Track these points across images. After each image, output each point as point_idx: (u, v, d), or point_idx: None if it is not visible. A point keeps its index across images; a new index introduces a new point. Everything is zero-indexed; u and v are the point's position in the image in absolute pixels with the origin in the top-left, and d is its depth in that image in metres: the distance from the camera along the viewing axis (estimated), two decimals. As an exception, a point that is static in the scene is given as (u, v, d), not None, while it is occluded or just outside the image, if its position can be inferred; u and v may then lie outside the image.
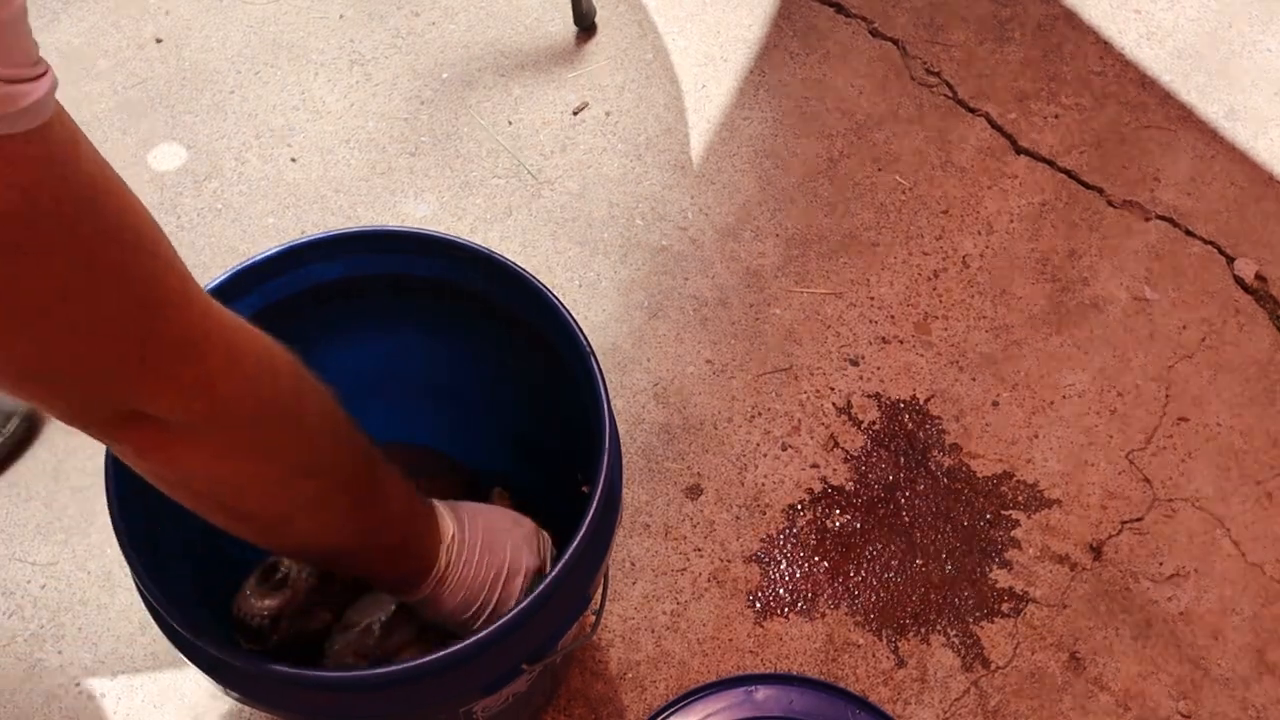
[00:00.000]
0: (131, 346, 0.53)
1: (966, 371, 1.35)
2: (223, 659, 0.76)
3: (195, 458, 0.60)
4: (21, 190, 0.44)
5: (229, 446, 0.61)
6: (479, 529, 0.85)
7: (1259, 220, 1.48)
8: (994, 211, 1.48)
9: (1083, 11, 1.68)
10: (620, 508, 0.87)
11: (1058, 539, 1.25)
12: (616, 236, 1.44)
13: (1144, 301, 1.41)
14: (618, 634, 1.17)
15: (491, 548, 0.84)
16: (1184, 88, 1.60)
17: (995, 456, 1.30)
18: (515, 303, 0.91)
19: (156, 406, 0.56)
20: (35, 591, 1.18)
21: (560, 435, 0.99)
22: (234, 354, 0.59)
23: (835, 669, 1.16)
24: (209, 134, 1.51)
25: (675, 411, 1.31)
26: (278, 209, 1.45)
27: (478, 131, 1.52)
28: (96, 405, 0.56)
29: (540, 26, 1.63)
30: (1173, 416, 1.33)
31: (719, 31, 1.64)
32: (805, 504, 1.26)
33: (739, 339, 1.36)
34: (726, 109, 1.56)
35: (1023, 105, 1.58)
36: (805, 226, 1.46)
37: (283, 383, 0.64)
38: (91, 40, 1.59)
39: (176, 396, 0.56)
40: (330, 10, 1.64)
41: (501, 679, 0.79)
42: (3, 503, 1.23)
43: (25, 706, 1.12)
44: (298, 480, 0.68)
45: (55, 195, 0.46)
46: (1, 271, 0.45)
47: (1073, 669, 1.17)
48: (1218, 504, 1.27)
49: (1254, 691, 1.16)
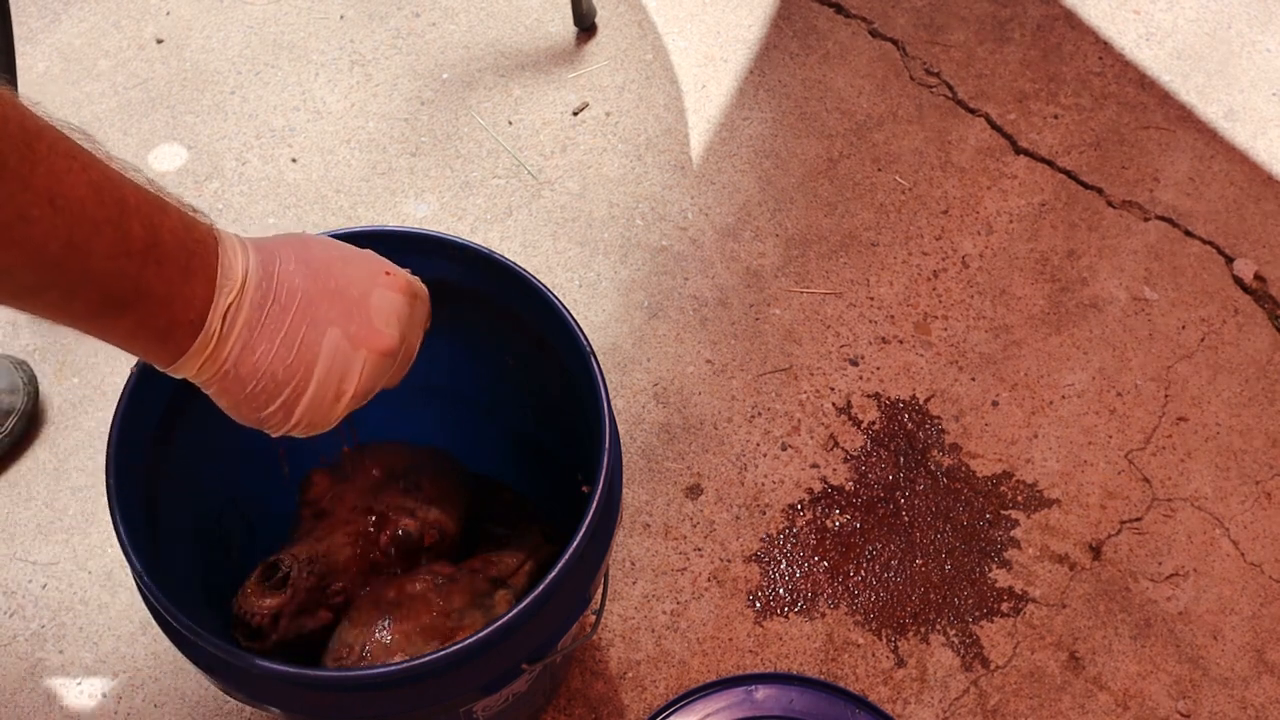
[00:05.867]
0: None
1: (966, 371, 1.36)
2: (223, 659, 0.76)
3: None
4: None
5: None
6: (295, 277, 0.62)
7: (1258, 220, 1.48)
8: (993, 211, 1.48)
9: (1082, 12, 1.68)
10: (620, 508, 0.87)
11: (1057, 539, 1.25)
12: (616, 236, 1.44)
13: (1143, 301, 1.42)
14: (618, 634, 1.17)
15: (312, 307, 0.62)
16: (1183, 88, 1.60)
17: (995, 456, 1.30)
18: (515, 303, 0.91)
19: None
20: (36, 591, 1.18)
21: (560, 435, 0.99)
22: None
23: (835, 668, 1.16)
24: (210, 134, 1.51)
25: (675, 411, 1.31)
26: (278, 209, 1.45)
27: (478, 132, 1.52)
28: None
29: (540, 27, 1.63)
30: (1172, 416, 1.33)
31: (719, 31, 1.64)
32: (805, 504, 1.26)
33: (739, 339, 1.37)
34: (726, 109, 1.56)
35: (1022, 105, 1.58)
36: (805, 226, 1.46)
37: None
38: (92, 40, 1.59)
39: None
40: (331, 11, 1.64)
41: (501, 679, 0.80)
42: (3, 502, 1.23)
43: (26, 706, 1.12)
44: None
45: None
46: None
47: (1072, 668, 1.17)
48: (1217, 504, 1.28)
49: (1253, 691, 1.17)
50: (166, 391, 0.83)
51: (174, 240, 0.56)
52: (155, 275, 0.55)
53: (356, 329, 0.64)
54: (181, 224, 0.57)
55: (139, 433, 0.82)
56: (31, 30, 1.58)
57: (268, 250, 0.62)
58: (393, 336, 0.66)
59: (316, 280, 0.63)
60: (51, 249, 0.50)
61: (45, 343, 1.33)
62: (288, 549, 0.90)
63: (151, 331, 0.57)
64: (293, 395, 0.63)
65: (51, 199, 0.50)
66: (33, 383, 1.27)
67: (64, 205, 0.50)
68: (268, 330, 0.60)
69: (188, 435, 0.86)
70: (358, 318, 0.64)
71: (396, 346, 0.66)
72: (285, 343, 0.61)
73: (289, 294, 0.61)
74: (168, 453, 0.85)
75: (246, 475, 0.99)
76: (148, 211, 0.55)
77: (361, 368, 0.64)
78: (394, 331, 0.66)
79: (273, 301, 0.61)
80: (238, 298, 0.59)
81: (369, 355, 0.64)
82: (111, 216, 0.53)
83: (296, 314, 0.61)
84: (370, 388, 0.66)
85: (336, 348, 0.63)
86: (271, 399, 0.62)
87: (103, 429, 1.26)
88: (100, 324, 0.56)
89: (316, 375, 0.63)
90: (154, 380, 0.81)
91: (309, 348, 0.62)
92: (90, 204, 0.51)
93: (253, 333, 0.60)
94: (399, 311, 0.67)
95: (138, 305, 0.55)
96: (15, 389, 1.25)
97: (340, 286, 0.64)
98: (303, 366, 0.62)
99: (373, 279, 0.66)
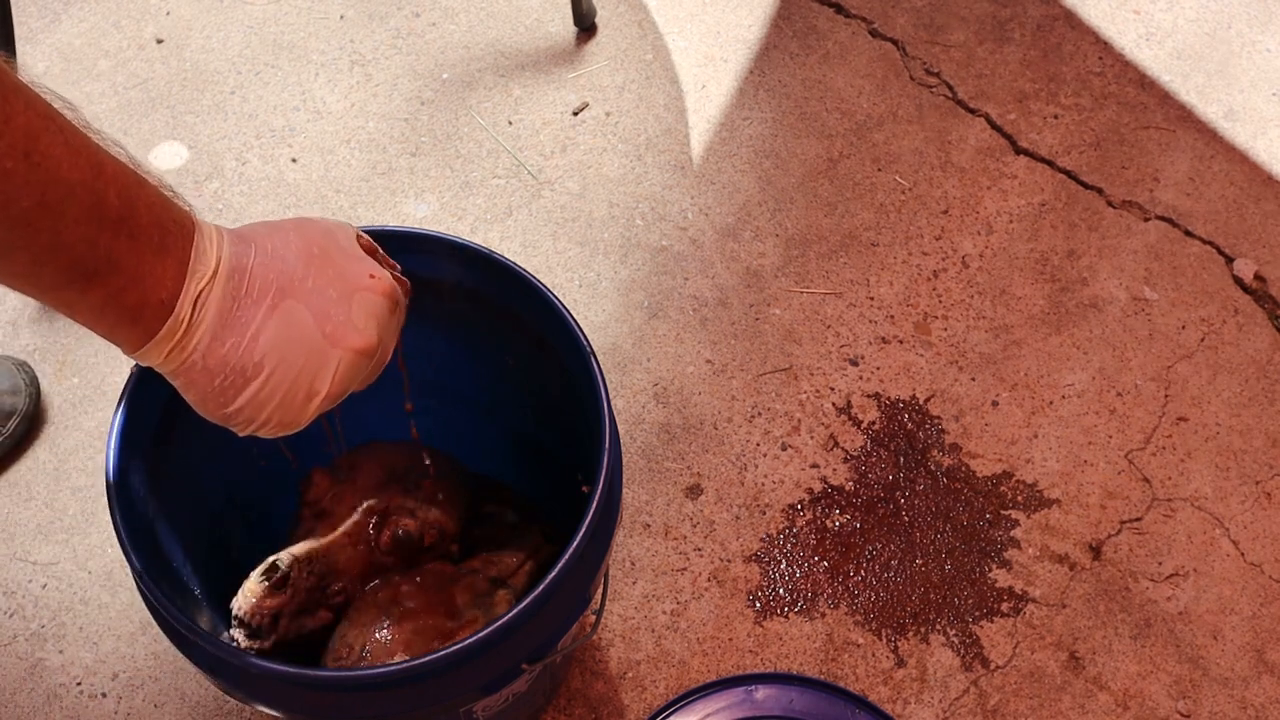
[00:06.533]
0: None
1: (966, 371, 1.36)
2: (223, 659, 0.76)
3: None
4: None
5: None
6: (273, 269, 0.60)
7: (1258, 220, 1.48)
8: (993, 211, 1.48)
9: (1082, 11, 1.68)
10: (620, 508, 0.87)
11: (1057, 539, 1.25)
12: (616, 236, 1.44)
13: (1143, 301, 1.42)
14: (618, 634, 1.17)
15: (288, 301, 0.60)
16: (1183, 88, 1.60)
17: (995, 456, 1.30)
18: (515, 303, 0.91)
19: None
20: (36, 591, 1.18)
21: (560, 435, 0.99)
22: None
23: (835, 668, 1.16)
24: (210, 134, 1.51)
25: (675, 411, 1.31)
26: (278, 209, 1.45)
27: (478, 132, 1.52)
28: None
29: (540, 27, 1.63)
30: (1172, 416, 1.33)
31: (719, 31, 1.64)
32: (805, 504, 1.26)
33: (739, 339, 1.37)
34: (726, 109, 1.56)
35: (1022, 105, 1.58)
36: (805, 226, 1.46)
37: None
38: (92, 40, 1.59)
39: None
40: (331, 11, 1.64)
41: (501, 679, 0.80)
42: (3, 503, 1.23)
43: (26, 706, 1.12)
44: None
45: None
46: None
47: (1072, 668, 1.17)
48: (1217, 504, 1.28)
49: (1253, 691, 1.17)
50: (166, 391, 0.83)
51: (149, 215, 0.54)
52: (128, 248, 0.53)
53: (333, 327, 0.62)
54: (159, 200, 0.56)
55: (139, 433, 0.82)
56: (31, 30, 1.58)
57: (247, 240, 0.60)
58: (370, 336, 0.64)
59: (296, 275, 0.61)
60: (24, 204, 0.49)
61: (45, 343, 1.33)
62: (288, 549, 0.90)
63: (120, 309, 0.55)
64: (262, 391, 0.60)
65: (26, 153, 0.48)
66: (34, 384, 1.27)
67: (39, 162, 0.49)
68: (239, 321, 0.58)
69: (188, 435, 0.86)
70: (335, 316, 0.62)
71: (374, 346, 0.64)
72: (257, 335, 0.59)
73: (264, 286, 0.59)
74: (168, 453, 0.85)
75: (246, 475, 0.99)
76: (125, 183, 0.53)
77: (336, 366, 0.62)
78: (372, 331, 0.64)
79: (245, 292, 0.59)
80: (209, 285, 0.57)
81: (344, 354, 0.62)
82: (86, 180, 0.51)
83: (270, 307, 0.59)
84: (344, 389, 0.64)
85: (311, 344, 0.61)
86: (238, 393, 0.60)
87: (103, 429, 1.26)
88: (68, 296, 0.54)
89: (290, 373, 0.60)
90: (154, 380, 0.81)
91: (282, 342, 0.60)
92: (65, 165, 0.50)
93: (224, 323, 0.58)
94: (379, 314, 0.65)
95: (108, 278, 0.53)
96: (17, 390, 1.25)
97: (320, 285, 0.62)
98: (274, 362, 0.60)
99: (357, 279, 0.64)
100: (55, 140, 0.50)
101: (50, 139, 0.50)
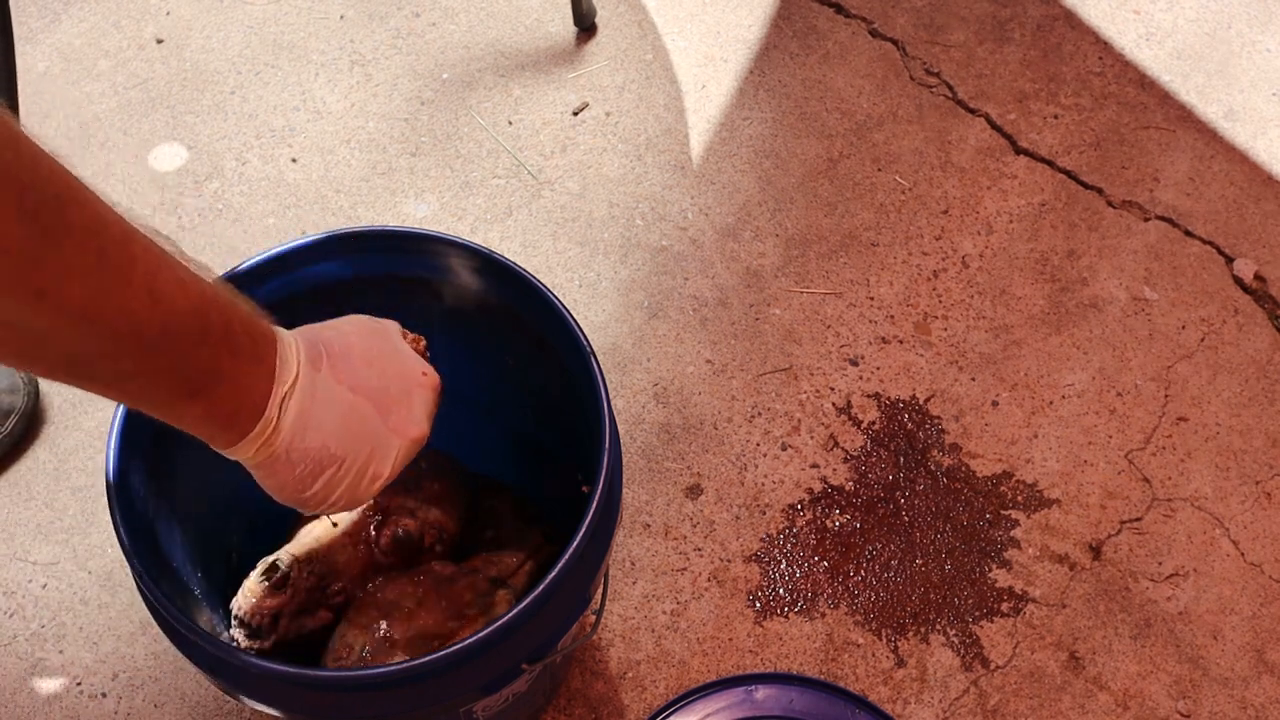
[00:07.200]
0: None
1: (966, 371, 1.36)
2: (223, 659, 0.76)
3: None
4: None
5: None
6: (343, 370, 0.69)
7: (1258, 220, 1.48)
8: (993, 211, 1.48)
9: (1082, 11, 1.68)
10: (620, 508, 0.87)
11: (1057, 539, 1.25)
12: (616, 236, 1.44)
13: (1143, 301, 1.42)
14: (618, 634, 1.17)
15: (358, 398, 0.69)
16: (1183, 88, 1.60)
17: (995, 456, 1.30)
18: (515, 303, 0.91)
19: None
20: (36, 591, 1.18)
21: (560, 435, 0.99)
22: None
23: (835, 668, 1.16)
24: (210, 134, 1.51)
25: (675, 411, 1.31)
26: (278, 209, 1.45)
27: (478, 132, 1.52)
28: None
29: (540, 27, 1.63)
30: (1172, 416, 1.33)
31: (719, 31, 1.64)
32: (805, 504, 1.26)
33: (739, 339, 1.37)
34: (726, 109, 1.56)
35: (1022, 105, 1.58)
36: (805, 226, 1.46)
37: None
38: (92, 40, 1.59)
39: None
40: (331, 11, 1.64)
41: (501, 679, 0.80)
42: (3, 502, 1.23)
43: (26, 706, 1.12)
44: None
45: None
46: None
47: (1072, 668, 1.17)
48: (1217, 504, 1.28)
49: (1253, 691, 1.17)
50: (166, 391, 0.83)
51: (244, 331, 0.62)
52: (230, 364, 0.61)
53: (397, 421, 0.72)
54: (249, 315, 0.63)
55: (139, 433, 0.82)
56: (31, 30, 1.58)
57: (316, 344, 0.69)
58: (424, 426, 0.74)
59: (360, 374, 0.70)
60: (149, 336, 0.55)
61: (45, 343, 1.33)
62: (287, 549, 0.90)
63: (221, 416, 0.62)
64: (335, 477, 0.69)
65: (149, 290, 0.54)
66: (33, 383, 1.27)
67: (159, 299, 0.55)
68: (317, 417, 0.66)
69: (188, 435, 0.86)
70: (399, 411, 0.72)
71: (427, 435, 0.74)
72: (334, 430, 0.67)
73: (336, 385, 0.68)
74: (168, 453, 0.85)
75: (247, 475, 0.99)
76: (222, 303, 0.60)
77: (396, 454, 0.72)
78: (425, 423, 0.74)
79: (323, 390, 0.67)
80: (291, 387, 0.65)
81: (404, 443, 0.72)
82: (196, 307, 0.58)
83: (342, 404, 0.68)
84: (399, 471, 0.73)
85: (376, 435, 0.70)
86: (315, 480, 0.68)
87: (103, 429, 1.26)
88: (176, 409, 0.61)
89: (358, 460, 0.70)
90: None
91: (352, 435, 0.69)
92: (179, 297, 0.56)
93: (304, 420, 0.66)
94: (430, 408, 0.75)
95: (214, 390, 0.61)
96: (15, 389, 1.25)
97: (383, 384, 0.71)
98: (348, 452, 0.69)
99: (413, 377, 0.74)
100: (169, 275, 0.56)
101: (165, 274, 0.56)
